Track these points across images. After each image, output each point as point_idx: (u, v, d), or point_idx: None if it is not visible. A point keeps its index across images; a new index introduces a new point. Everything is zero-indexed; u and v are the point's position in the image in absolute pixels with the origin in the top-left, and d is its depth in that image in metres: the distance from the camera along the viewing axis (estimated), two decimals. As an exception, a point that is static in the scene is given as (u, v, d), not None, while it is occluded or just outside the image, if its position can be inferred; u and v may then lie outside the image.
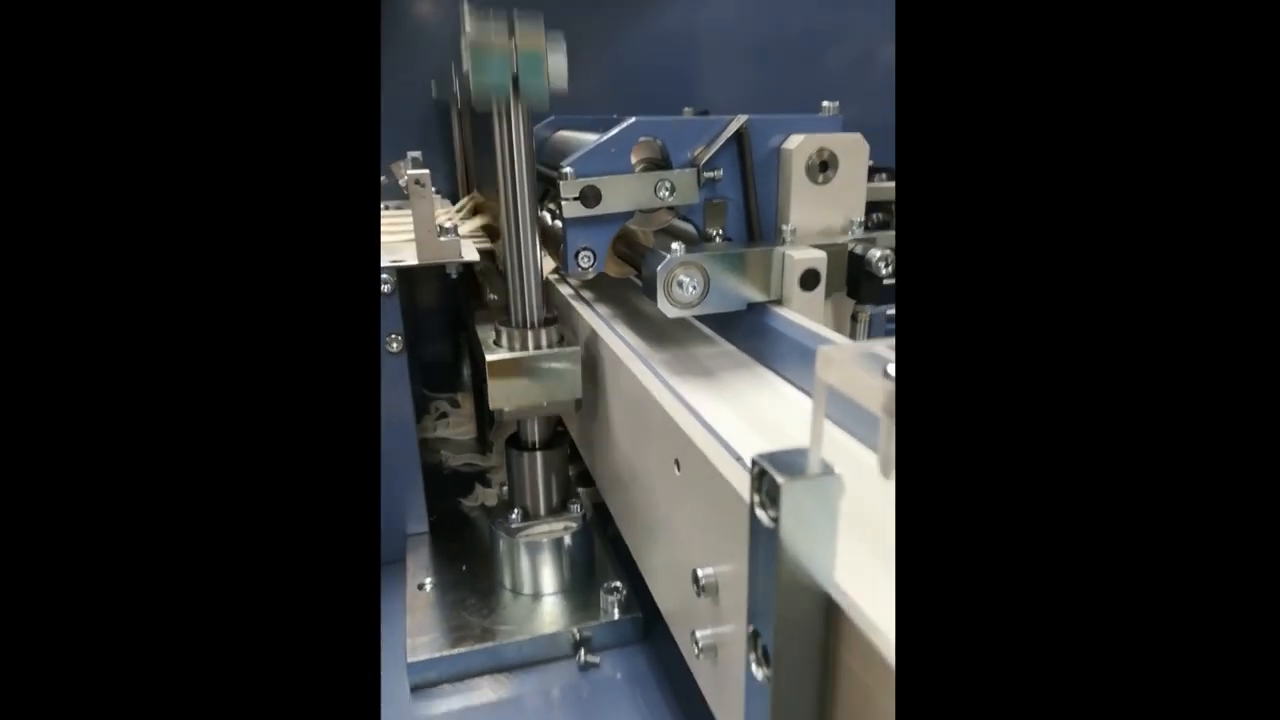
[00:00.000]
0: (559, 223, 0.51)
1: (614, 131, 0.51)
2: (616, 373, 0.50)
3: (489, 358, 0.50)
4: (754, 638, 0.24)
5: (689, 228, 0.55)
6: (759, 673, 0.24)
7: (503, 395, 0.50)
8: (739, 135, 0.53)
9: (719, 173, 0.53)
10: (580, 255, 0.51)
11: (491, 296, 0.63)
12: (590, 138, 0.60)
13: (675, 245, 0.49)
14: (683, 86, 0.99)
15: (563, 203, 0.49)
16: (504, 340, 0.51)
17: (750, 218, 0.54)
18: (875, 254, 0.54)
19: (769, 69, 1.02)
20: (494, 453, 0.75)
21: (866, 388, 0.20)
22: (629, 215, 0.51)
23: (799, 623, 0.23)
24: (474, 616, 0.53)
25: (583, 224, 0.50)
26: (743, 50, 1.01)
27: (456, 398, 0.85)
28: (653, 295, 0.49)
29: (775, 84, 1.02)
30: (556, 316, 0.54)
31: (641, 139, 0.51)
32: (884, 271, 0.54)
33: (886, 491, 0.22)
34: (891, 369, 0.20)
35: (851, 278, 0.55)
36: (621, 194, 0.50)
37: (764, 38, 1.00)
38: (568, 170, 0.49)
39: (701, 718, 0.44)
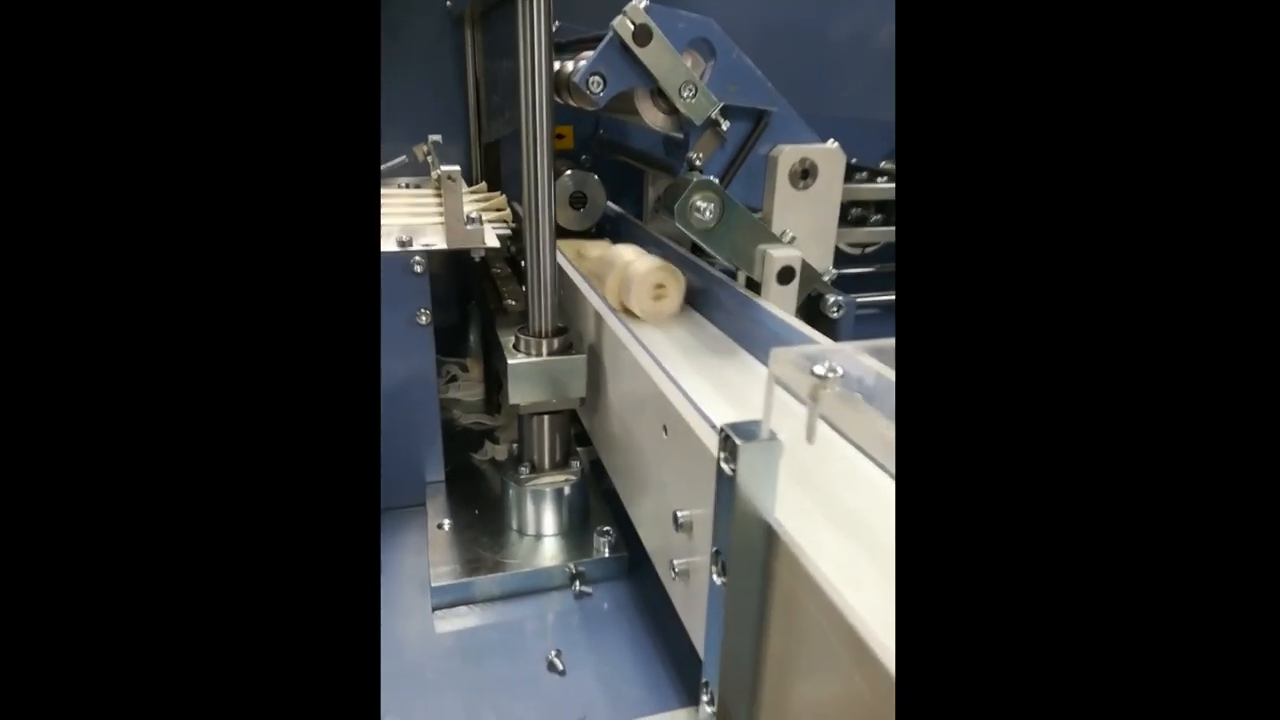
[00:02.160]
0: (582, 63, 0.55)
1: (699, 16, 0.55)
2: (616, 353, 0.57)
3: (510, 362, 0.57)
4: (716, 555, 0.34)
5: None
6: (718, 580, 0.33)
7: (520, 393, 0.59)
8: (760, 113, 0.59)
9: (727, 125, 0.58)
10: (593, 79, 0.54)
11: (510, 303, 0.70)
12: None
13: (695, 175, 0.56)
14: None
15: (619, 18, 0.53)
16: (522, 347, 0.59)
17: (726, 174, 0.61)
18: (829, 299, 0.63)
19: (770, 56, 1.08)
20: (501, 414, 0.83)
21: (798, 381, 0.28)
22: (650, 82, 0.55)
23: (747, 543, 0.32)
24: (486, 552, 0.61)
25: (616, 54, 0.54)
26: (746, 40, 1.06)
27: (465, 362, 0.93)
28: (670, 212, 0.55)
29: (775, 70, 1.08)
30: (566, 327, 0.61)
31: (696, 41, 0.55)
32: (835, 315, 0.63)
33: (812, 450, 0.31)
34: (818, 368, 0.28)
35: (809, 316, 0.63)
36: (664, 57, 0.54)
37: (766, 26, 1.04)
38: (643, 4, 0.53)
39: (669, 639, 0.54)
